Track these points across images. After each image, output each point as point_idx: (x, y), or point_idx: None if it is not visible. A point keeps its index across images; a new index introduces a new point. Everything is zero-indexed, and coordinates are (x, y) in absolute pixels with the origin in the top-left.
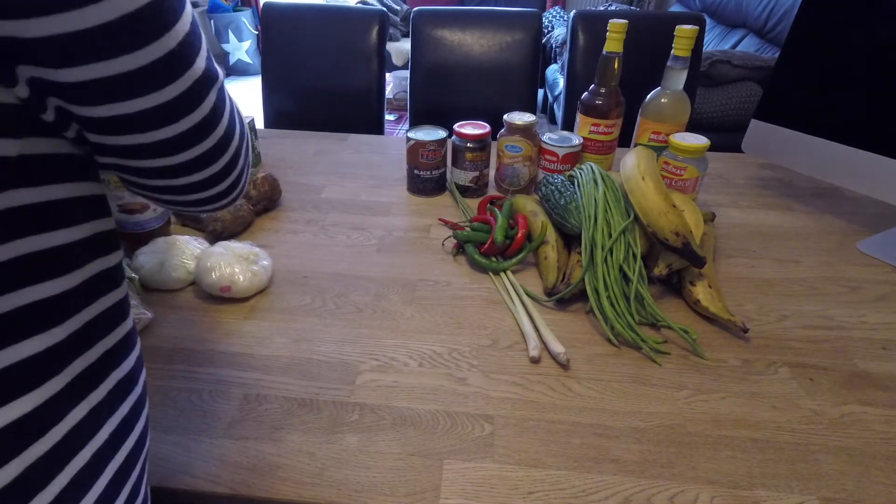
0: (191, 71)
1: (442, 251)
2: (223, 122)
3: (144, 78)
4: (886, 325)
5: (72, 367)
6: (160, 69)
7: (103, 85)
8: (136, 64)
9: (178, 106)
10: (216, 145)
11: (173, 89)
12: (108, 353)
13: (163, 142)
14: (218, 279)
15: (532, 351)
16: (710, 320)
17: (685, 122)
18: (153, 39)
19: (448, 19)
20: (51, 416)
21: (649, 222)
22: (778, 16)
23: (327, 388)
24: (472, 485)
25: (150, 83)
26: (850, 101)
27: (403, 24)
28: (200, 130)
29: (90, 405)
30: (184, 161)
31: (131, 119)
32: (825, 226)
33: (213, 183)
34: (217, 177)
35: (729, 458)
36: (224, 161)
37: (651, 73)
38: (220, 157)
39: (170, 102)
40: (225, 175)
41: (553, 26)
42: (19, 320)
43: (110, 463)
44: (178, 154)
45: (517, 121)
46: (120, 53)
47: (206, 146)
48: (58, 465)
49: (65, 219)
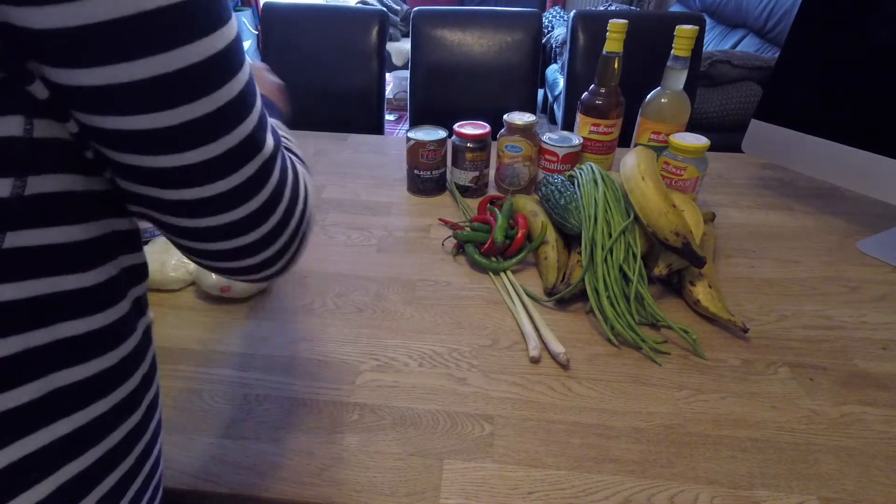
0: (230, 85)
1: (442, 251)
2: (267, 189)
3: (174, 86)
4: (886, 325)
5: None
6: (194, 76)
7: (118, 91)
8: (161, 69)
9: (216, 119)
10: (255, 212)
11: (209, 103)
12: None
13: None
14: (218, 279)
15: (532, 351)
16: (710, 320)
17: (685, 122)
18: (180, 44)
19: (448, 19)
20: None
21: (649, 222)
22: (778, 16)
23: (327, 388)
24: (472, 485)
25: (182, 94)
26: (849, 101)
27: (403, 24)
28: (238, 194)
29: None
30: (210, 225)
31: (163, 134)
32: (825, 226)
33: (247, 253)
34: (253, 246)
35: (729, 458)
36: (263, 231)
37: (651, 73)
38: (259, 226)
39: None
40: (263, 246)
41: (553, 26)
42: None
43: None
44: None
45: (517, 121)
46: (142, 55)
47: (239, 213)
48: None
49: (97, 257)
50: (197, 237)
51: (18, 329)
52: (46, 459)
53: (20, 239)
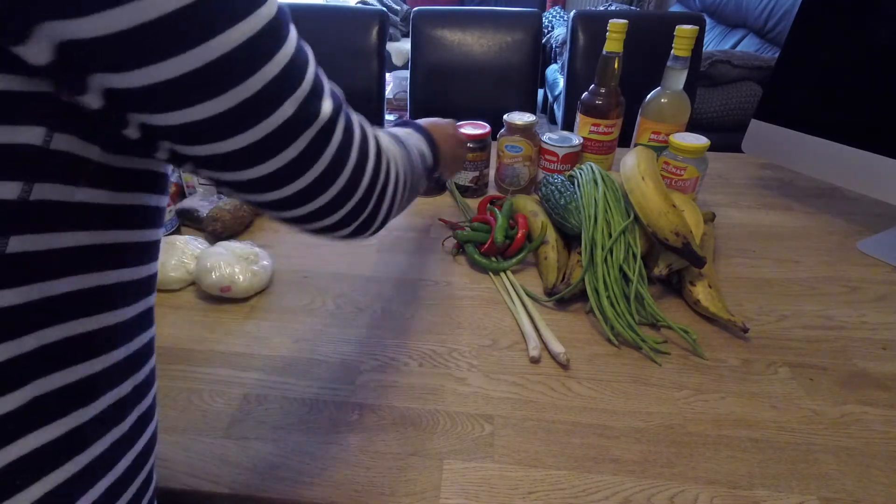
0: (260, 73)
1: (442, 251)
2: (320, 164)
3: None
4: (886, 325)
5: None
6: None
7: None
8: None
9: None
10: (310, 184)
11: (238, 94)
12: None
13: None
14: (218, 279)
15: (532, 351)
16: (710, 320)
17: (685, 122)
18: (203, 41)
19: (448, 19)
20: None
21: (649, 222)
22: (778, 16)
23: (327, 388)
24: (472, 485)
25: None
26: (850, 101)
27: (403, 24)
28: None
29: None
30: (281, 195)
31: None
32: (825, 226)
33: (320, 215)
34: (324, 210)
35: (729, 458)
36: (331, 193)
37: (651, 73)
38: (317, 195)
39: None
40: (333, 209)
41: (553, 26)
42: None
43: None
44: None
45: (517, 121)
46: (177, 52)
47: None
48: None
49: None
50: (267, 207)
51: (12, 335)
52: (32, 466)
53: (23, 244)
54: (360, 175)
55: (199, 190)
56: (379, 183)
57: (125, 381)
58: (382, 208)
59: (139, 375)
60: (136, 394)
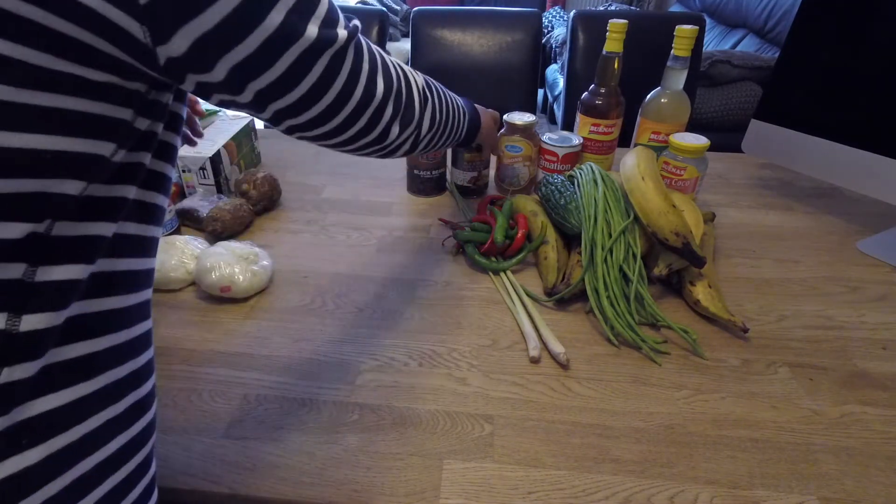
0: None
1: (442, 251)
2: (335, 88)
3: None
4: (886, 325)
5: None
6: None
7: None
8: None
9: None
10: (329, 105)
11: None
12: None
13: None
14: (218, 279)
15: (532, 351)
16: (710, 320)
17: (685, 122)
18: None
19: (448, 19)
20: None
21: (649, 222)
22: (778, 16)
23: (327, 388)
24: (472, 485)
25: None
26: (850, 101)
27: (403, 24)
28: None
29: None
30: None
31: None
32: (825, 226)
33: (356, 139)
34: (358, 134)
35: (729, 458)
36: (362, 121)
37: (651, 73)
38: (357, 119)
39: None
40: (365, 133)
41: (553, 26)
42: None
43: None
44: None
45: (517, 121)
46: None
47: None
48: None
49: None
50: (297, 130)
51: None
52: (37, 429)
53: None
54: (371, 98)
55: (199, 190)
56: (391, 101)
57: (124, 364)
58: (396, 120)
59: (137, 361)
60: (134, 378)
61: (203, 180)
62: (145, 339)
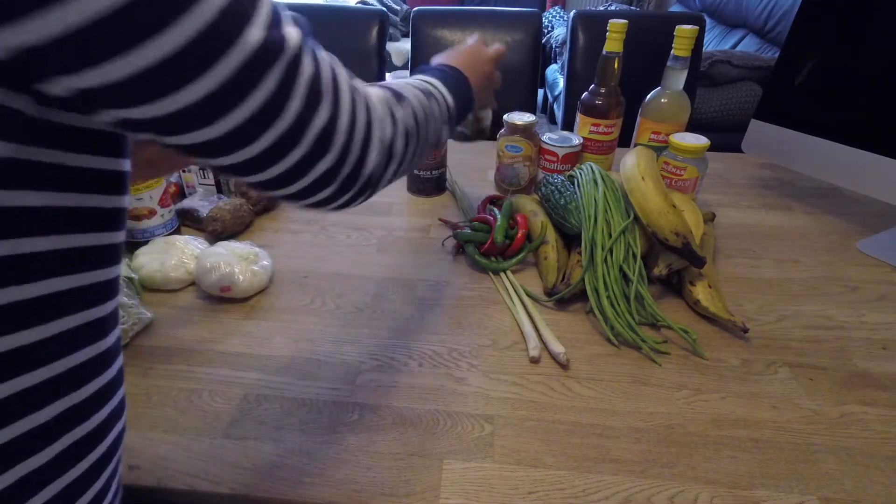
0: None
1: (442, 251)
2: (291, 108)
3: (178, 65)
4: (886, 325)
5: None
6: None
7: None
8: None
9: (224, 95)
10: (279, 139)
11: (217, 74)
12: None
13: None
14: (218, 279)
15: (532, 351)
16: (710, 320)
17: (685, 122)
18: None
19: (448, 19)
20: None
21: (649, 222)
22: (778, 16)
23: (327, 388)
24: (472, 485)
25: (189, 70)
26: (849, 101)
27: (403, 24)
28: (255, 123)
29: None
30: (241, 160)
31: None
32: (825, 226)
33: (286, 180)
34: (291, 173)
35: (729, 458)
36: (297, 155)
37: (651, 73)
38: (288, 152)
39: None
40: (303, 170)
41: (553, 26)
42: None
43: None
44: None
45: (517, 121)
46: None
47: (261, 144)
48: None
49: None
50: (233, 172)
51: None
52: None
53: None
54: (333, 134)
55: (199, 190)
56: (355, 139)
57: (80, 350)
58: (369, 162)
59: (93, 349)
60: (95, 364)
61: (203, 180)
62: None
